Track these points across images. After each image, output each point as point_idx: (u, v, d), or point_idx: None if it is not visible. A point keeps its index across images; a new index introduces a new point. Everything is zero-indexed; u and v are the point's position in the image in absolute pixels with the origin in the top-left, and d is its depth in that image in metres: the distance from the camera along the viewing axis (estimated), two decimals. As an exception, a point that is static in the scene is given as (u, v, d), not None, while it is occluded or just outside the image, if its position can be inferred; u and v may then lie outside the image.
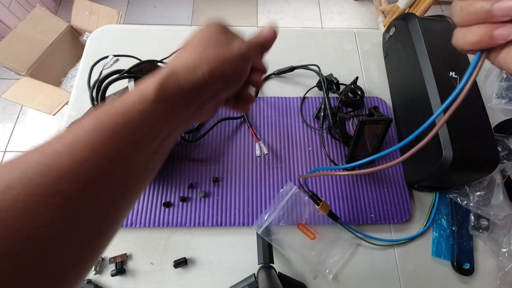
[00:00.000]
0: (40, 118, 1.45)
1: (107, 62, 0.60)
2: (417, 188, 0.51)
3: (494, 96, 0.58)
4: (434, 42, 0.47)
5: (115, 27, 0.65)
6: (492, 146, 0.41)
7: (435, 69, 0.45)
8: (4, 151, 1.37)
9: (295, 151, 0.52)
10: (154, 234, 0.47)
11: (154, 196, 0.48)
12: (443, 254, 0.46)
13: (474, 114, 0.43)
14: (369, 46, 0.64)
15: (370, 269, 0.46)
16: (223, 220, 0.47)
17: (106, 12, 1.40)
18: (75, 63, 1.43)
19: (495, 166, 0.41)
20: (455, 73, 0.45)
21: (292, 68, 0.58)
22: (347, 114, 0.55)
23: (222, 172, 0.50)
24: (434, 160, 0.42)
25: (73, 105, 0.57)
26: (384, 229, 0.48)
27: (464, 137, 0.41)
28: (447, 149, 0.40)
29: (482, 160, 0.40)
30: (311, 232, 0.46)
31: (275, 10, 1.84)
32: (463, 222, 0.48)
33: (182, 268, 0.45)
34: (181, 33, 0.63)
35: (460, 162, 0.40)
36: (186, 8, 1.81)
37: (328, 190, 0.49)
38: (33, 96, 1.19)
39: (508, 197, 0.48)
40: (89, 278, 0.44)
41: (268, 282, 0.36)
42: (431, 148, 0.43)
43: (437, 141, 0.41)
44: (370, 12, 1.85)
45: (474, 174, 0.43)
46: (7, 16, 1.47)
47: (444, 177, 0.43)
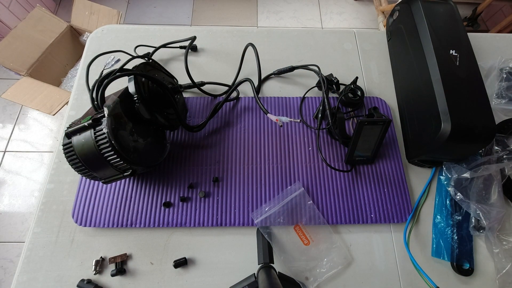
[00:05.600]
0: (40, 118, 1.45)
1: (108, 62, 0.60)
2: (416, 163, 0.52)
3: (494, 96, 0.58)
4: (436, 22, 0.49)
5: (115, 27, 0.65)
6: (489, 117, 0.43)
7: (436, 48, 0.46)
8: (4, 151, 1.37)
9: (295, 151, 0.52)
10: (154, 234, 0.47)
11: (154, 196, 0.48)
12: (442, 254, 0.46)
13: (472, 88, 0.44)
14: (369, 46, 0.65)
15: (370, 269, 0.46)
16: (223, 220, 0.47)
17: (106, 12, 1.40)
18: (75, 63, 1.43)
19: (492, 137, 0.42)
20: (455, 51, 0.46)
21: (292, 68, 0.58)
22: (347, 115, 0.55)
23: (222, 172, 0.50)
24: (433, 132, 0.43)
25: (73, 105, 0.57)
26: (384, 229, 0.48)
27: (462, 109, 0.42)
28: (445, 121, 0.42)
29: (479, 131, 0.42)
30: (306, 237, 0.46)
31: (275, 10, 1.84)
32: (463, 222, 0.48)
33: (182, 268, 0.45)
34: (181, 33, 0.63)
35: (458, 133, 0.41)
36: (186, 8, 1.81)
37: (328, 190, 0.49)
38: (33, 96, 1.18)
39: (504, 196, 0.48)
40: (89, 278, 0.44)
41: (268, 282, 0.36)
42: (431, 121, 0.44)
43: (436, 113, 0.43)
44: (370, 12, 1.85)
45: (471, 145, 0.44)
46: (7, 16, 1.47)
47: (443, 149, 0.44)
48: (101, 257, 0.45)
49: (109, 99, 0.39)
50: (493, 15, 1.80)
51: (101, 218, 0.47)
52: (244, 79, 0.57)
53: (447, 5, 0.52)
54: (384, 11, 1.71)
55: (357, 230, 0.48)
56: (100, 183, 0.49)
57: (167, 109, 0.47)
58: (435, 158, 0.50)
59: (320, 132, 0.54)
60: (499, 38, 0.68)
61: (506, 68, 0.59)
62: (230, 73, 0.60)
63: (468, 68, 0.45)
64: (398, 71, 0.59)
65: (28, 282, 0.44)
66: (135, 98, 0.41)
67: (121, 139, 0.38)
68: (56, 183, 0.50)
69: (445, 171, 0.49)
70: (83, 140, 0.38)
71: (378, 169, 0.51)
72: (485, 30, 1.81)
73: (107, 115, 0.37)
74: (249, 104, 0.56)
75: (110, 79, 0.40)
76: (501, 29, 1.59)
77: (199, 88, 0.55)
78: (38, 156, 1.37)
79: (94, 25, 1.38)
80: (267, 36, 0.65)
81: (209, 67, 0.61)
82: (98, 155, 0.38)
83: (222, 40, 0.64)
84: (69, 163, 0.40)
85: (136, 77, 0.42)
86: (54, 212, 0.48)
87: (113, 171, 0.41)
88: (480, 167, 0.47)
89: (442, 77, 0.44)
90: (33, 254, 0.45)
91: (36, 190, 1.30)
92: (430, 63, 0.46)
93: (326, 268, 0.45)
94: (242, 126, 0.54)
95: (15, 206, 1.27)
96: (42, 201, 0.49)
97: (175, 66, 0.61)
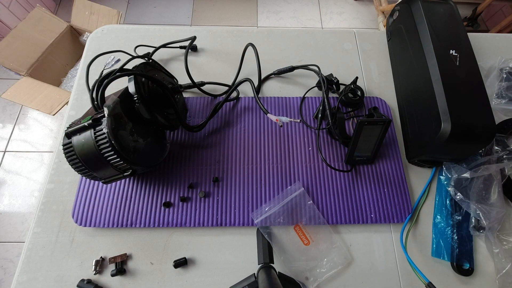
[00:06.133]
0: (40, 118, 1.45)
1: (108, 62, 0.60)
2: (416, 163, 0.52)
3: (494, 96, 0.58)
4: (436, 22, 0.49)
5: (115, 27, 0.65)
6: (489, 117, 0.42)
7: (436, 48, 0.46)
8: (4, 151, 1.37)
9: (295, 151, 0.52)
10: (154, 234, 0.47)
11: (154, 196, 0.48)
12: (442, 254, 0.46)
13: (472, 88, 0.44)
14: (369, 46, 0.65)
15: (370, 269, 0.46)
16: (223, 220, 0.47)
17: (106, 12, 1.40)
18: (75, 63, 1.43)
19: (492, 137, 0.42)
20: (455, 51, 0.46)
21: (292, 68, 0.58)
22: (347, 115, 0.55)
23: (222, 172, 0.50)
24: (433, 132, 0.43)
25: (73, 105, 0.57)
26: (384, 229, 0.48)
27: (462, 109, 0.42)
28: (445, 121, 0.42)
29: (479, 131, 0.42)
30: (306, 237, 0.46)
31: (275, 10, 1.84)
32: (463, 222, 0.48)
33: (182, 268, 0.45)
34: (181, 33, 0.63)
35: (458, 133, 0.41)
36: (186, 8, 1.81)
37: (328, 190, 0.49)
38: (33, 96, 1.18)
39: (504, 196, 0.48)
40: (89, 278, 0.44)
41: (268, 282, 0.36)
42: (431, 121, 0.44)
43: (436, 113, 0.43)
44: (370, 12, 1.85)
45: (471, 145, 0.44)
46: (7, 16, 1.47)
47: (443, 149, 0.44)
48: (101, 257, 0.45)
49: (109, 99, 0.39)
50: (493, 15, 1.80)
51: (101, 218, 0.47)
52: (244, 79, 0.57)
53: (447, 5, 0.52)
54: (384, 11, 1.71)
55: (357, 230, 0.48)
56: (100, 183, 0.49)
57: (167, 109, 0.47)
58: (435, 158, 0.50)
59: (320, 132, 0.54)
60: (499, 38, 0.68)
61: (506, 68, 0.59)
62: (230, 73, 0.60)
63: (468, 68, 0.45)
64: (398, 71, 0.59)
65: (28, 282, 0.44)
66: (135, 98, 0.41)
67: (121, 139, 0.38)
68: (56, 183, 0.50)
69: (445, 171, 0.49)
70: (83, 140, 0.38)
71: (378, 169, 0.51)
72: (485, 30, 1.81)
73: (107, 115, 0.37)
74: (249, 104, 0.56)
75: (110, 79, 0.40)
76: (501, 29, 1.59)
77: (199, 88, 0.55)
78: (38, 156, 1.37)
79: (94, 25, 1.38)
80: (267, 36, 0.65)
81: (209, 67, 0.61)
82: (98, 155, 0.38)
83: (222, 40, 0.64)
84: (69, 163, 0.40)
85: (136, 77, 0.42)
86: (54, 212, 0.48)
87: (113, 171, 0.41)
88: (480, 167, 0.47)
89: (442, 77, 0.44)
90: (33, 254, 0.45)
91: (36, 190, 1.30)
92: (430, 63, 0.46)
93: (326, 268, 0.45)
94: (242, 126, 0.54)
95: (15, 206, 1.27)
96: (42, 201, 0.49)
97: (175, 66, 0.61)
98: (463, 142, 0.43)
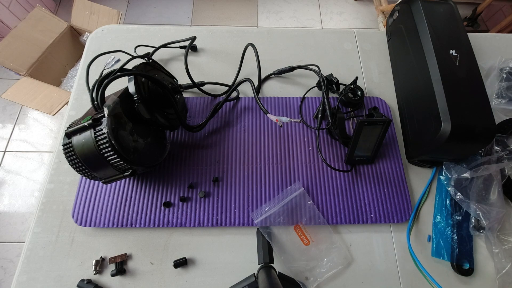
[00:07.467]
0: (40, 118, 1.45)
1: (108, 62, 0.60)
2: (416, 163, 0.52)
3: (494, 96, 0.58)
4: (436, 22, 0.49)
5: (115, 27, 0.65)
6: (489, 117, 0.43)
7: (436, 48, 0.46)
8: (4, 151, 1.37)
9: (295, 151, 0.52)
10: (154, 234, 0.47)
11: (154, 196, 0.48)
12: (442, 254, 0.46)
13: (472, 88, 0.44)
14: (369, 46, 0.65)
15: (370, 269, 0.46)
16: (223, 220, 0.47)
17: (106, 12, 1.40)
18: (75, 63, 1.43)
19: (492, 137, 0.42)
20: (455, 51, 0.46)
21: (292, 68, 0.58)
22: (347, 115, 0.55)
23: (222, 172, 0.50)
24: (433, 132, 0.43)
25: (73, 105, 0.57)
26: (384, 229, 0.48)
27: (462, 109, 0.42)
28: (445, 121, 0.42)
29: (479, 131, 0.42)
30: (306, 237, 0.46)
31: (275, 10, 1.84)
32: (463, 222, 0.48)
33: (182, 268, 0.45)
34: (181, 33, 0.63)
35: (458, 133, 0.41)
36: (186, 8, 1.81)
37: (328, 190, 0.49)
38: (33, 96, 1.18)
39: (504, 196, 0.48)
40: (89, 278, 0.44)
41: (268, 282, 0.36)
42: (431, 121, 0.44)
43: (436, 113, 0.43)
44: (370, 12, 1.85)
45: (471, 145, 0.44)
46: (7, 16, 1.47)
47: (443, 149, 0.44)
48: (101, 257, 0.45)
49: (109, 99, 0.39)
50: (493, 15, 1.80)
51: (101, 218, 0.47)
52: (244, 79, 0.57)
53: (447, 5, 0.52)
54: (384, 11, 1.71)
55: (357, 230, 0.48)
56: (100, 183, 0.49)
57: (167, 109, 0.47)
58: (435, 158, 0.50)
59: (320, 132, 0.54)
60: (499, 38, 0.68)
61: (506, 68, 0.59)
62: (230, 73, 0.60)
63: (468, 68, 0.45)
64: (398, 71, 0.59)
65: (28, 282, 0.44)
66: (135, 98, 0.41)
67: (121, 139, 0.38)
68: (56, 183, 0.50)
69: (445, 171, 0.49)
70: (83, 140, 0.38)
71: (378, 169, 0.51)
72: (485, 30, 1.81)
73: (107, 115, 0.37)
74: (249, 104, 0.56)
75: (110, 79, 0.40)
76: (501, 29, 1.59)
77: (199, 88, 0.55)
78: (38, 156, 1.37)
79: (94, 25, 1.38)
80: (267, 36, 0.65)
81: (209, 67, 0.61)
82: (98, 155, 0.38)
83: (222, 40, 0.64)
84: (69, 163, 0.40)
85: (136, 77, 0.42)
86: (54, 212, 0.48)
87: (113, 171, 0.41)
88: (480, 167, 0.47)
89: (442, 77, 0.44)
90: (33, 254, 0.45)
91: (36, 190, 1.30)
92: (430, 63, 0.46)
93: (326, 268, 0.45)
94: (242, 126, 0.54)
95: (15, 206, 1.27)
96: (42, 201, 0.49)
97: (175, 66, 0.61)
98: (463, 142, 0.43)
